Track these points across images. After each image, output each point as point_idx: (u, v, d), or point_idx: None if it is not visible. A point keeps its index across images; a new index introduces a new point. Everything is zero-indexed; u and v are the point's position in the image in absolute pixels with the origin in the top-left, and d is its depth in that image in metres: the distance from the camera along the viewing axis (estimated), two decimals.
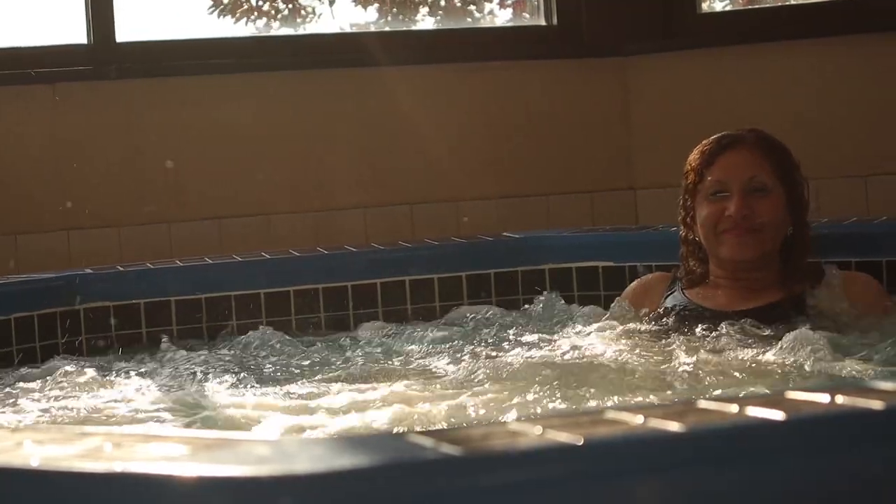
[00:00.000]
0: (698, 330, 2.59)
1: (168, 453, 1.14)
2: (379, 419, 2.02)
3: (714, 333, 2.55)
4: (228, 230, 3.84)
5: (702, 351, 2.42)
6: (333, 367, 2.62)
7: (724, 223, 2.67)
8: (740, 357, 2.36)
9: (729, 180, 2.68)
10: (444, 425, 1.96)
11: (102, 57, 3.83)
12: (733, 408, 1.19)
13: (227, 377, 2.53)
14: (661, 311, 2.76)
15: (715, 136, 2.76)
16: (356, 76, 3.95)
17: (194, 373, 2.62)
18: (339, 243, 3.50)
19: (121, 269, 3.23)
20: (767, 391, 2.09)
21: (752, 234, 2.66)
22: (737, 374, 2.26)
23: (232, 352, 2.85)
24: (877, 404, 1.17)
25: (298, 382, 2.44)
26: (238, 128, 3.88)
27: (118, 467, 1.09)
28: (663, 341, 2.57)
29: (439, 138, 3.97)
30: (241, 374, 2.56)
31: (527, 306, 3.14)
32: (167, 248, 3.67)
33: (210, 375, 2.56)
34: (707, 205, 2.71)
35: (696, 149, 2.79)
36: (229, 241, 3.79)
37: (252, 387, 2.42)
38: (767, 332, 2.52)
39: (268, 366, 2.68)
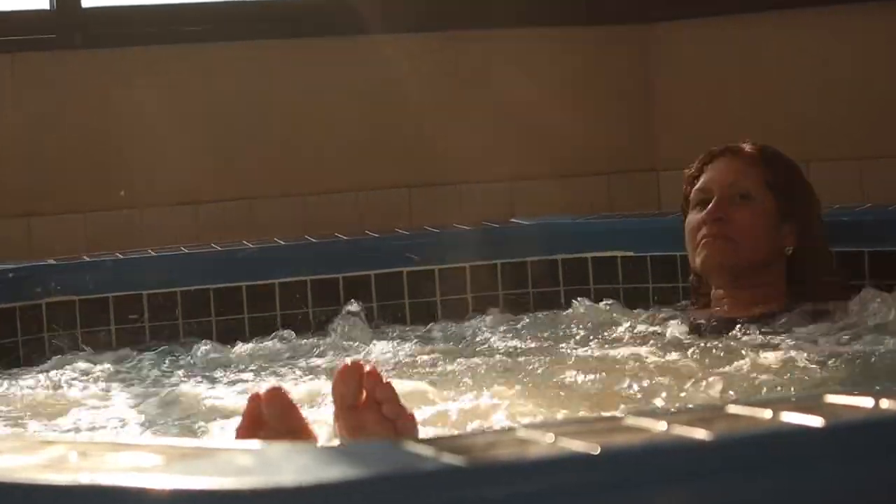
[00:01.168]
0: (692, 336, 2.64)
1: (140, 463, 1.14)
2: None
3: (721, 336, 2.59)
4: (206, 216, 3.84)
5: (718, 351, 2.46)
6: (325, 366, 2.62)
7: (702, 231, 2.71)
8: (729, 363, 2.39)
9: (712, 187, 2.74)
10: (446, 433, 1.96)
11: (67, 23, 3.83)
12: (767, 413, 1.19)
13: (204, 380, 2.54)
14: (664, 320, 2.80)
15: (713, 148, 2.83)
16: (346, 45, 3.95)
17: (169, 375, 2.62)
18: (329, 231, 3.50)
19: (87, 259, 3.24)
20: (804, 395, 2.10)
21: (726, 242, 2.69)
22: (759, 376, 2.28)
23: (210, 351, 2.85)
24: None
25: (285, 384, 2.44)
26: (216, 102, 3.88)
27: (84, 479, 1.10)
28: (678, 341, 2.60)
29: (439, 114, 3.97)
30: (221, 376, 2.56)
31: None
32: (139, 237, 3.67)
33: (186, 378, 2.57)
34: (691, 216, 2.77)
35: None
36: (207, 228, 3.79)
37: (233, 390, 2.43)
38: (770, 336, 2.54)
39: (251, 366, 2.68)
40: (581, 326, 2.87)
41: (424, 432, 1.96)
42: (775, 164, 2.75)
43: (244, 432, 1.61)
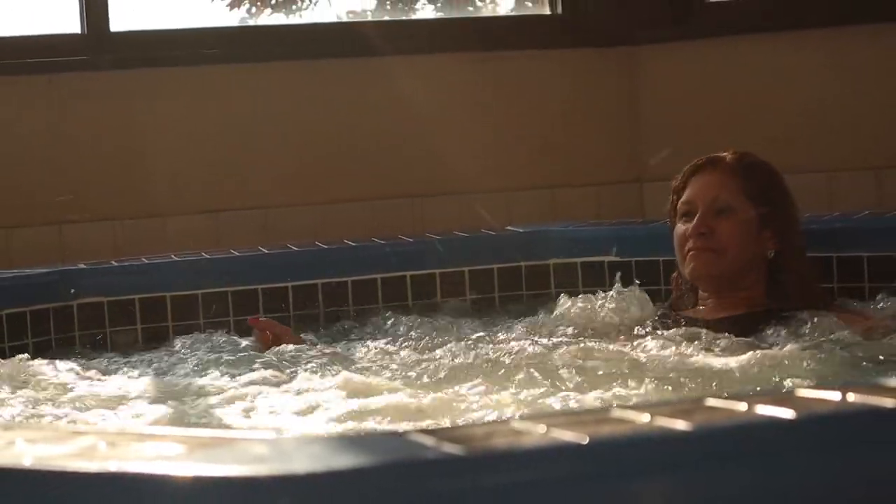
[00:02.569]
0: (675, 333, 2.63)
1: (164, 452, 1.14)
2: (379, 417, 2.02)
3: (692, 336, 2.59)
4: (226, 224, 3.84)
5: (698, 348, 2.47)
6: (333, 364, 2.61)
7: (689, 243, 2.73)
8: (709, 358, 2.39)
9: (696, 201, 2.75)
10: (446, 424, 1.96)
11: (96, 47, 3.83)
12: (742, 406, 1.19)
13: (224, 375, 2.53)
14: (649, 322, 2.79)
15: (696, 159, 2.83)
16: (356, 66, 3.95)
17: (190, 370, 2.62)
18: (339, 238, 3.50)
19: (115, 263, 3.23)
20: (777, 388, 2.10)
21: (711, 253, 2.71)
22: (734, 371, 2.29)
23: (229, 349, 2.85)
24: (889, 402, 1.17)
25: (297, 379, 2.44)
26: (235, 119, 3.88)
27: (112, 467, 1.09)
28: (661, 337, 2.60)
29: (442, 130, 3.97)
30: (239, 372, 2.56)
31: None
32: (163, 243, 3.67)
33: (207, 373, 2.57)
34: (678, 226, 2.78)
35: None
36: (227, 235, 3.79)
37: (250, 384, 2.42)
38: (747, 337, 2.55)
39: (265, 363, 2.68)
40: (571, 324, 2.87)
41: (425, 424, 1.96)
42: (753, 174, 2.76)
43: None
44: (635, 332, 2.73)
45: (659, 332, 2.67)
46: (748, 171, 2.76)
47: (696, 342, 2.54)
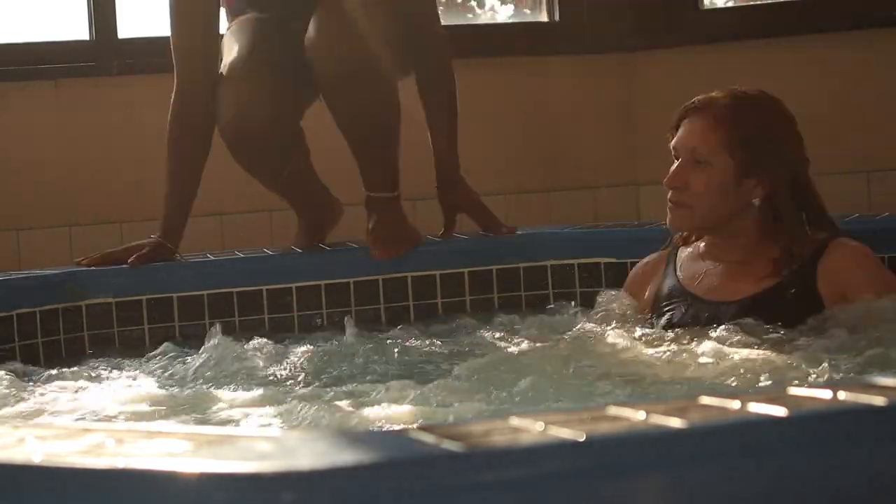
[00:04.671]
0: (690, 322, 2.61)
1: (170, 449, 1.14)
2: (380, 415, 2.02)
3: (706, 327, 2.56)
4: (230, 226, 3.84)
5: (693, 345, 2.45)
6: (335, 364, 2.62)
7: (669, 194, 2.70)
8: (728, 352, 2.37)
9: (679, 148, 2.71)
10: (446, 421, 1.96)
11: (104, 53, 3.83)
12: (735, 404, 1.19)
13: (229, 374, 2.53)
14: (656, 303, 2.75)
15: (694, 98, 2.75)
16: None
17: (196, 369, 2.62)
18: (339, 239, 3.50)
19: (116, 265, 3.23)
20: (769, 387, 2.10)
21: (683, 209, 2.67)
22: (728, 368, 2.28)
23: (235, 349, 2.85)
24: (879, 400, 1.18)
25: (301, 379, 2.44)
26: None
27: (120, 463, 1.10)
28: (655, 335, 2.59)
29: None
30: (244, 371, 2.56)
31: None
32: None
33: (212, 372, 2.57)
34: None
35: None
36: (231, 237, 3.79)
37: (255, 384, 2.42)
38: (759, 324, 2.52)
39: (270, 363, 2.68)
40: (575, 322, 2.87)
41: (425, 421, 1.96)
42: (743, 119, 2.66)
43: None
44: (653, 319, 2.70)
45: (678, 321, 2.63)
46: (737, 117, 2.66)
47: (720, 331, 2.50)
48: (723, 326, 2.52)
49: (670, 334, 2.58)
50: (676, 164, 2.70)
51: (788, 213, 2.67)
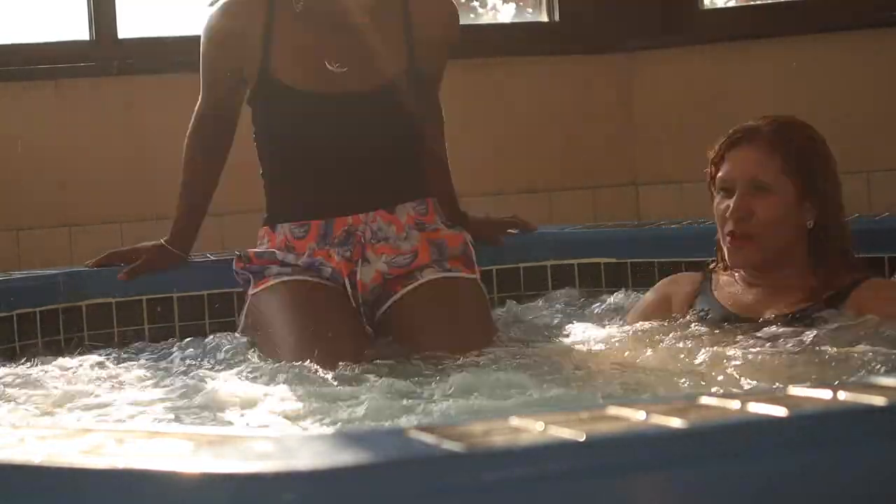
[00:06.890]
0: (722, 335, 2.57)
1: (170, 450, 1.14)
2: (381, 415, 2.02)
3: (737, 339, 2.51)
4: (230, 226, 3.84)
5: (724, 358, 2.40)
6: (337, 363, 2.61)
7: (727, 224, 2.65)
8: (761, 365, 2.34)
9: (734, 179, 2.65)
10: (446, 421, 1.96)
11: (104, 53, 3.83)
12: (735, 404, 1.19)
13: (229, 374, 2.53)
14: (689, 315, 2.72)
15: (733, 129, 2.72)
16: None
17: (196, 369, 2.62)
18: None
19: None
20: (769, 387, 2.10)
21: (747, 242, 2.62)
22: (728, 369, 2.27)
23: (234, 349, 2.85)
24: (879, 400, 1.18)
25: (301, 378, 2.44)
26: (239, 124, 3.87)
27: (120, 463, 1.10)
28: (688, 344, 2.54)
29: (449, 136, 3.96)
30: (245, 371, 2.56)
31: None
32: None
33: (212, 372, 2.57)
34: (719, 200, 2.68)
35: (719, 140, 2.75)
36: (231, 237, 3.79)
37: (255, 384, 2.42)
38: (791, 343, 2.47)
39: (270, 362, 2.68)
40: (575, 322, 2.87)
41: (426, 421, 1.96)
42: (791, 144, 2.65)
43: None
44: (684, 329, 2.64)
45: (710, 333, 2.58)
46: (786, 144, 2.65)
47: (750, 345, 2.46)
48: (739, 334, 2.50)
49: (682, 336, 2.56)
50: (736, 196, 2.62)
51: (837, 232, 2.66)
